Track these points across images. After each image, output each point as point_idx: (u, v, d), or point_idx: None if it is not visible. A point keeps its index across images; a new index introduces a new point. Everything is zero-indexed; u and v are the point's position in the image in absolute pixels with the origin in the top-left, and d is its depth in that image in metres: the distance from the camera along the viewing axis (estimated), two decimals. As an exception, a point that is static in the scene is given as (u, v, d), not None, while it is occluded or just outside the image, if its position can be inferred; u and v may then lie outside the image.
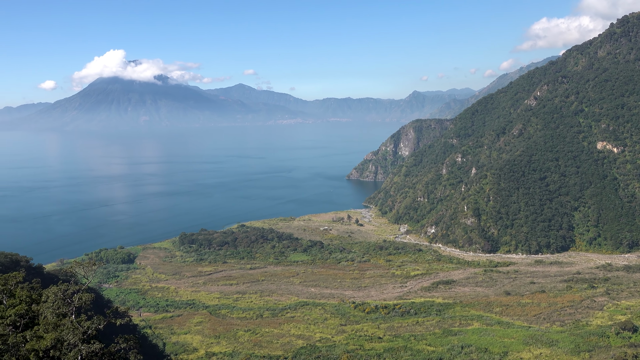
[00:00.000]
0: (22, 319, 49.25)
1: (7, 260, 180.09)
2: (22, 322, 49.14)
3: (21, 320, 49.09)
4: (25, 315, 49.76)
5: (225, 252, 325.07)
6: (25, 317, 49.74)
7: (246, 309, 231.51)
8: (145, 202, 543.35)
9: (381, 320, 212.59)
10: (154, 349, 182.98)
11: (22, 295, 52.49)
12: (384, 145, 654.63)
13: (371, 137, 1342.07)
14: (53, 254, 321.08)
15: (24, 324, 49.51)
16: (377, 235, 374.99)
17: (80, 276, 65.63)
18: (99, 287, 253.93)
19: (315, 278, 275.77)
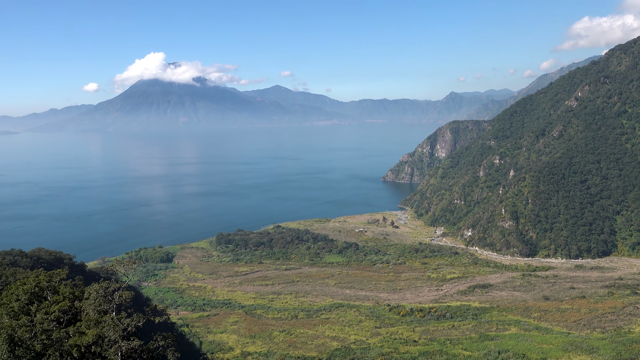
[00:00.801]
0: (66, 315, 50.80)
1: (52, 257, 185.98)
2: (66, 318, 50.68)
3: (64, 316, 50.63)
4: (69, 312, 51.32)
5: (261, 253, 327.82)
6: (69, 313, 51.29)
7: (281, 309, 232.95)
8: (184, 202, 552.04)
9: (416, 323, 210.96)
10: (191, 347, 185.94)
11: (66, 292, 54.13)
12: (420, 147, 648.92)
13: (407, 138, 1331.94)
14: (95, 252, 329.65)
15: (67, 319, 51.04)
16: (412, 238, 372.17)
17: (120, 274, 67.30)
18: (138, 285, 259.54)
19: (350, 280, 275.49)
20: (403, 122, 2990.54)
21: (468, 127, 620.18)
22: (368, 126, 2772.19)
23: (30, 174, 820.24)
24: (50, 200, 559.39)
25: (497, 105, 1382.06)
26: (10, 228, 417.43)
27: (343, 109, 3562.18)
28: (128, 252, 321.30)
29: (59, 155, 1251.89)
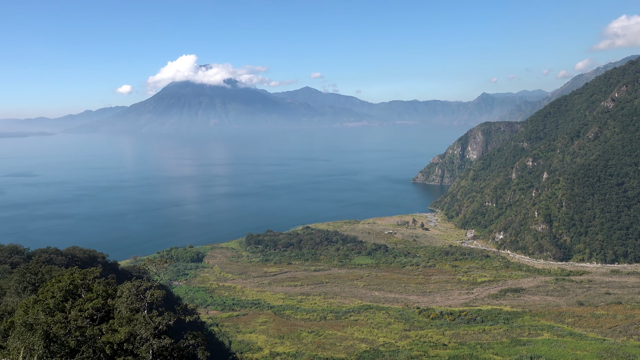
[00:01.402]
0: (99, 313, 51.65)
1: (86, 256, 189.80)
2: (99, 316, 51.53)
3: (98, 313, 51.48)
4: (102, 309, 52.17)
5: (290, 254, 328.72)
6: (102, 311, 52.14)
7: (310, 310, 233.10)
8: (214, 203, 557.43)
9: (446, 326, 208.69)
10: (220, 346, 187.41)
11: (99, 290, 55.03)
12: (451, 149, 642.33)
13: (438, 140, 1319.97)
14: (127, 251, 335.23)
15: (100, 317, 51.89)
16: (442, 240, 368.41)
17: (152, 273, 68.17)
18: (169, 284, 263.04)
19: (379, 282, 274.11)
20: (433, 123, 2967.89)
21: (500, 129, 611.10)
22: (398, 127, 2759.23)
23: (66, 174, 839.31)
24: (84, 200, 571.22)
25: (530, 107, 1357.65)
26: (46, 226, 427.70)
27: (373, 110, 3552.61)
28: (159, 252, 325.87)
29: (93, 155, 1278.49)
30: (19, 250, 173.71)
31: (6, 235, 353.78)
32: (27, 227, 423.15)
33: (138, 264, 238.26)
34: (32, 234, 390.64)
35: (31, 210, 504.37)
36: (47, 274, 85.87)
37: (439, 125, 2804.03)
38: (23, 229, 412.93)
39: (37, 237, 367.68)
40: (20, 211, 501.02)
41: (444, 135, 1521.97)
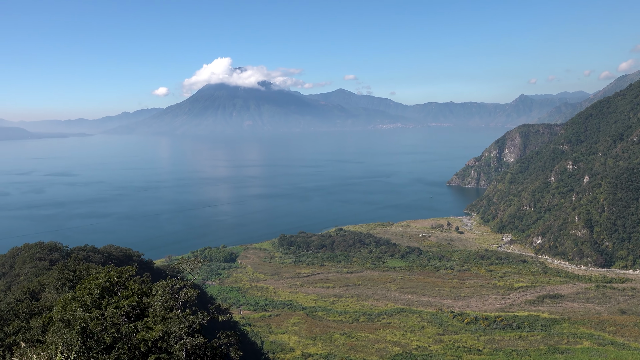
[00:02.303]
0: (134, 310, 52.02)
1: (122, 254, 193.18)
2: (134, 313, 51.89)
3: (133, 311, 51.86)
4: (137, 307, 52.52)
5: (323, 255, 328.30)
6: (137, 309, 52.50)
7: (342, 312, 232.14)
8: (247, 204, 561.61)
9: (481, 332, 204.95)
10: (253, 346, 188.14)
11: (135, 288, 55.47)
12: (487, 151, 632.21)
13: (474, 142, 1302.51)
14: (162, 250, 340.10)
15: (136, 315, 52.25)
16: (478, 244, 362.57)
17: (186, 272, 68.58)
18: (202, 284, 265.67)
19: (413, 285, 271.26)
20: (469, 125, 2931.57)
21: (539, 131, 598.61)
22: (433, 130, 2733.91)
23: (103, 174, 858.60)
24: (121, 200, 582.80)
25: (571, 109, 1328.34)
26: (84, 225, 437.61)
27: (407, 112, 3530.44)
28: (193, 251, 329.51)
29: (130, 156, 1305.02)
30: (58, 248, 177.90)
31: (46, 233, 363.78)
32: (66, 225, 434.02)
33: (172, 263, 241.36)
34: (71, 232, 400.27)
35: (70, 209, 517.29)
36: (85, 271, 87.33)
37: (475, 127, 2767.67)
38: (62, 227, 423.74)
39: (75, 235, 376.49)
40: (60, 210, 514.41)
41: (480, 137, 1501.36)
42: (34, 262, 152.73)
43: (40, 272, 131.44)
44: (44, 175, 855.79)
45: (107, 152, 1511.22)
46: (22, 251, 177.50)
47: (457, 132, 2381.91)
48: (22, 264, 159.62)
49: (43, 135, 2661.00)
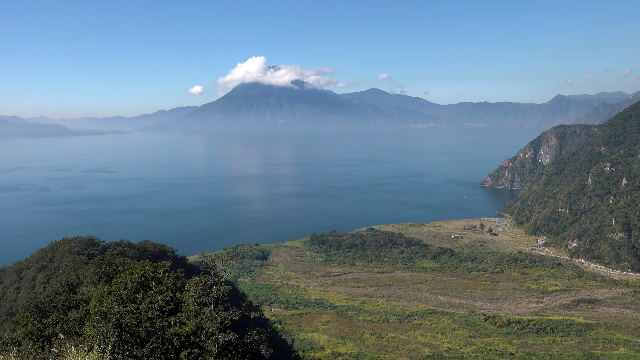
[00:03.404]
0: (168, 305, 53.03)
1: (156, 250, 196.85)
2: (168, 308, 52.90)
3: (167, 306, 52.86)
4: (171, 302, 53.53)
5: (354, 255, 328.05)
6: (170, 304, 53.50)
7: (373, 312, 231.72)
8: (279, 202, 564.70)
9: (513, 335, 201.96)
10: (283, 343, 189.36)
11: (169, 283, 56.50)
12: (522, 152, 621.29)
13: (508, 143, 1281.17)
14: (195, 246, 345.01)
15: (169, 309, 53.25)
16: (511, 246, 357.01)
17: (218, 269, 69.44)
18: (234, 281, 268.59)
19: (444, 286, 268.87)
20: (504, 126, 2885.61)
21: (575, 132, 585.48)
22: (466, 130, 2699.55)
23: (139, 171, 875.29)
24: (156, 196, 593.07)
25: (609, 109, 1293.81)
26: (120, 220, 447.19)
27: (440, 112, 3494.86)
28: (226, 248, 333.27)
29: (165, 153, 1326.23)
30: (95, 243, 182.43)
31: (84, 228, 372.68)
32: (103, 221, 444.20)
33: (205, 260, 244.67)
34: (108, 227, 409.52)
35: (107, 205, 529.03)
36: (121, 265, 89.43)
37: (509, 127, 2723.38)
38: (99, 222, 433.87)
39: (112, 230, 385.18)
40: (97, 205, 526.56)
41: (515, 138, 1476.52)
42: (72, 256, 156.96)
43: (78, 265, 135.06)
44: (83, 171, 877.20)
45: (143, 149, 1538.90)
46: (61, 245, 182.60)
47: (491, 132, 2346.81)
48: (61, 257, 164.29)
49: (82, 133, 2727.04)
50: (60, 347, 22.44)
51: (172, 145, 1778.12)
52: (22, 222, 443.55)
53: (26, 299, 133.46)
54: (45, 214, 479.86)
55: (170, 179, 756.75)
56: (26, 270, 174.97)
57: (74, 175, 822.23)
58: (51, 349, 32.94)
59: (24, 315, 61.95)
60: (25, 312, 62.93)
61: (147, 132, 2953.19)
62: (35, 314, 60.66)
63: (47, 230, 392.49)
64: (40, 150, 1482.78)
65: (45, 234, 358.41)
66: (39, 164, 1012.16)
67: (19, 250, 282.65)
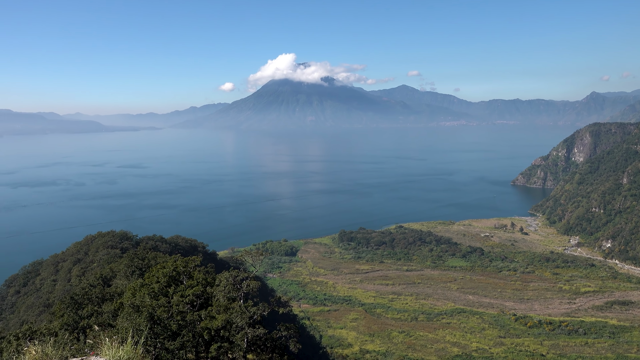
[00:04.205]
0: (198, 299, 53.99)
1: (187, 244, 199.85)
2: (198, 302, 53.85)
3: (197, 300, 53.82)
4: (201, 296, 54.48)
5: (383, 252, 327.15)
6: (201, 298, 54.45)
7: (401, 310, 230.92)
8: (308, 199, 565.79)
9: (544, 336, 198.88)
10: (311, 339, 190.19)
11: (199, 278, 57.48)
12: (555, 150, 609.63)
13: (540, 141, 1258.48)
14: (225, 242, 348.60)
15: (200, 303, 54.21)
16: (543, 246, 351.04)
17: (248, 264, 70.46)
18: (264, 276, 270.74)
19: (474, 285, 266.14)
20: (536, 123, 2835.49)
21: (611, 130, 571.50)
22: (498, 127, 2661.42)
23: (171, 167, 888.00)
24: (187, 192, 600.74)
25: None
26: (152, 215, 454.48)
27: (471, 109, 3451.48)
28: (255, 244, 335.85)
29: (196, 150, 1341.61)
30: (128, 237, 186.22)
31: (118, 222, 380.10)
32: (135, 215, 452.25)
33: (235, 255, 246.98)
34: (140, 221, 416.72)
35: (140, 200, 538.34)
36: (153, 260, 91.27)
37: (542, 125, 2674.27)
38: (132, 217, 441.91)
39: (144, 224, 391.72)
40: (130, 200, 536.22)
41: (548, 136, 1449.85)
42: (106, 250, 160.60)
43: (112, 259, 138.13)
44: (117, 167, 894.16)
45: (174, 145, 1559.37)
46: (95, 239, 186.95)
47: (523, 130, 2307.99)
48: (95, 251, 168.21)
49: (116, 129, 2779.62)
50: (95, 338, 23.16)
51: (203, 141, 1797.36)
52: (58, 216, 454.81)
53: (62, 291, 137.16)
54: (80, 209, 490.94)
55: (201, 175, 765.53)
56: (62, 263, 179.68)
57: (108, 170, 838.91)
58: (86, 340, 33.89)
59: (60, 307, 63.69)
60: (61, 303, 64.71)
61: (179, 129, 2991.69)
62: (71, 305, 62.35)
63: (82, 224, 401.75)
64: (76, 146, 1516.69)
65: (81, 228, 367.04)
66: (74, 160, 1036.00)
67: (55, 243, 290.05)
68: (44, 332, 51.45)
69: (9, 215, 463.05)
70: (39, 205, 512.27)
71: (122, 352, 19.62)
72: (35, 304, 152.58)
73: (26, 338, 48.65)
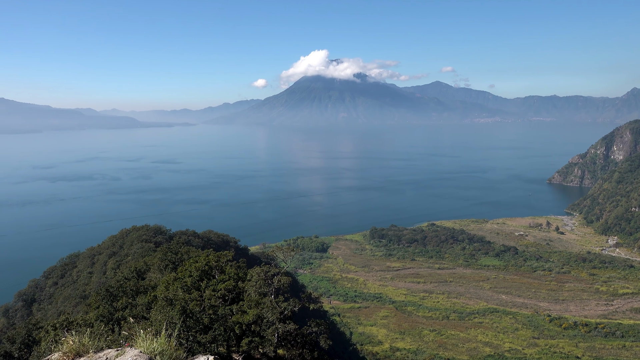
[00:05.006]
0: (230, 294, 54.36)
1: (220, 239, 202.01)
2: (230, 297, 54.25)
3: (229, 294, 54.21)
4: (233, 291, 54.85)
5: (414, 250, 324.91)
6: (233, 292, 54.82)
7: (432, 308, 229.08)
8: (340, 195, 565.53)
9: (580, 338, 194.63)
10: (341, 336, 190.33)
11: (231, 272, 57.88)
12: (593, 148, 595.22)
13: (578, 138, 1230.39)
14: (256, 237, 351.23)
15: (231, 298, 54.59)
16: (579, 246, 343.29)
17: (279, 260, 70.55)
18: (294, 272, 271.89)
19: (507, 285, 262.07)
20: (574, 120, 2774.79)
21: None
22: (534, 124, 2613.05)
23: (204, 162, 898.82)
24: (219, 187, 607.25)
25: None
26: (186, 210, 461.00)
27: (507, 105, 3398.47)
28: (286, 240, 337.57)
29: (229, 146, 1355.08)
30: (162, 231, 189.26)
31: (152, 217, 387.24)
32: (169, 210, 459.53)
33: (267, 250, 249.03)
34: (174, 216, 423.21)
35: (173, 195, 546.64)
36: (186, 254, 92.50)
37: (580, 122, 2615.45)
38: (166, 212, 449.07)
39: (178, 219, 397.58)
40: (164, 195, 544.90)
41: (586, 133, 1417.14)
42: (140, 244, 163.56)
43: (146, 253, 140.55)
44: (151, 162, 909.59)
45: (208, 141, 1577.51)
46: (130, 233, 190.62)
47: (560, 127, 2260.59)
48: (130, 244, 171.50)
49: (151, 125, 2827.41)
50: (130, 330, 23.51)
51: (236, 137, 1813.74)
52: (94, 209, 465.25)
53: (98, 283, 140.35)
54: (116, 203, 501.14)
55: (233, 171, 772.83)
56: (98, 256, 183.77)
57: (142, 165, 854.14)
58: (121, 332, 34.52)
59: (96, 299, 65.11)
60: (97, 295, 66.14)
61: (212, 125, 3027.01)
62: (106, 297, 63.68)
63: (117, 217, 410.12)
64: (112, 142, 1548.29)
65: (116, 222, 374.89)
66: (110, 155, 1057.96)
67: (92, 237, 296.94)
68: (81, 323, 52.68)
69: (47, 208, 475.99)
70: (76, 199, 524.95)
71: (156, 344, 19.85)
72: (72, 295, 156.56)
73: (63, 328, 49.88)
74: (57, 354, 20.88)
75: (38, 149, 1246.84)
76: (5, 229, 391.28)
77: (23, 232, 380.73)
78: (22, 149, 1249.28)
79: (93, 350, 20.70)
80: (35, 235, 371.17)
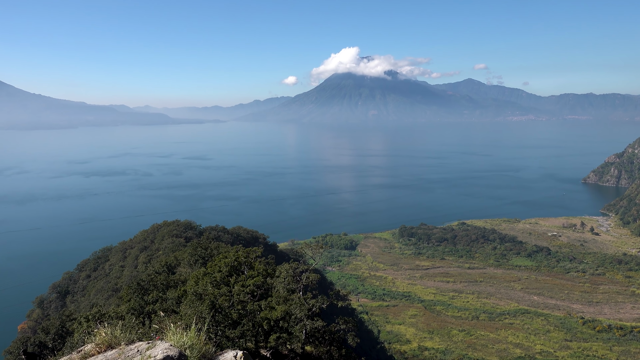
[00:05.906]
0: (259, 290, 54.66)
1: (249, 235, 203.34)
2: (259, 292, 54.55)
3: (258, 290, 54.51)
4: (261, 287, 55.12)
5: (444, 249, 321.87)
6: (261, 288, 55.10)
7: (462, 308, 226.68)
8: (369, 193, 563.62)
9: (614, 342, 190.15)
10: (369, 334, 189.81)
11: (260, 269, 58.20)
12: (630, 147, 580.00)
13: (615, 137, 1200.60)
14: (285, 233, 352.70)
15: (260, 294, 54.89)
16: (615, 247, 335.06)
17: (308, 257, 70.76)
18: (323, 269, 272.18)
19: (539, 286, 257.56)
20: (611, 119, 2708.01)
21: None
22: (569, 123, 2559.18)
23: (234, 159, 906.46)
24: (249, 184, 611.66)
25: None
26: (216, 206, 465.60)
27: (541, 103, 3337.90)
28: (315, 237, 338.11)
29: (259, 142, 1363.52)
30: (192, 226, 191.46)
31: (182, 212, 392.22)
32: (199, 206, 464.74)
33: (295, 247, 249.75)
34: (204, 212, 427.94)
35: (203, 191, 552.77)
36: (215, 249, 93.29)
37: (617, 121, 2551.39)
38: (196, 207, 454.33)
39: (208, 215, 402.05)
40: (195, 191, 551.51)
41: (623, 132, 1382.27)
42: (171, 239, 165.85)
43: (177, 247, 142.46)
44: (182, 158, 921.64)
45: (238, 138, 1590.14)
46: (161, 228, 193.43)
47: (596, 125, 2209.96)
48: (161, 239, 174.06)
49: (182, 121, 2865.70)
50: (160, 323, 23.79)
51: (266, 134, 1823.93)
52: (127, 204, 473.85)
53: (129, 276, 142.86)
54: (147, 198, 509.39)
55: (263, 168, 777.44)
56: (130, 250, 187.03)
57: (174, 161, 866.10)
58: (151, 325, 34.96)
59: (128, 292, 66.20)
60: (128, 289, 67.24)
61: (243, 122, 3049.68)
62: (137, 291, 64.69)
63: (149, 212, 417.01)
64: (144, 138, 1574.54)
65: (148, 217, 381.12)
66: (143, 151, 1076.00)
67: (124, 231, 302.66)
68: (112, 316, 53.62)
69: (81, 202, 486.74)
70: (109, 194, 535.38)
71: (186, 338, 20.04)
72: (104, 288, 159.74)
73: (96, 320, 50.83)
74: (89, 345, 21.25)
75: (73, 145, 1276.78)
76: (41, 222, 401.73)
77: (58, 226, 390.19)
78: (58, 144, 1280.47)
79: (125, 342, 21.00)
80: (69, 229, 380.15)
